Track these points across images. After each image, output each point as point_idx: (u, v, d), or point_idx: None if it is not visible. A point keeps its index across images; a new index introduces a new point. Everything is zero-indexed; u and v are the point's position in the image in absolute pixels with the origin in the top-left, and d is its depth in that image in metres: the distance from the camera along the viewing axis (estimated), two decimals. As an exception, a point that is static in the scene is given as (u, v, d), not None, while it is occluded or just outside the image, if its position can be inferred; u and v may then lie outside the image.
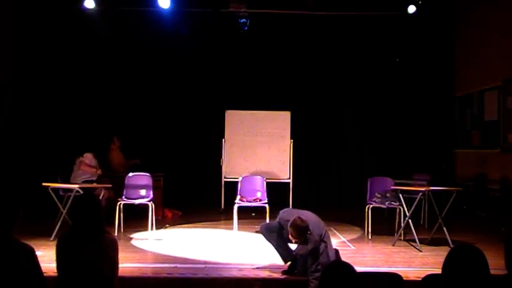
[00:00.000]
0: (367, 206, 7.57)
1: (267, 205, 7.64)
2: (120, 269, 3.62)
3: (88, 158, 8.29)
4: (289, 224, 5.01)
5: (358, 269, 2.62)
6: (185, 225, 8.68)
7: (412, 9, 9.78)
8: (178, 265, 5.58)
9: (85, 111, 10.48)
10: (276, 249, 5.46)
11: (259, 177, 8.43)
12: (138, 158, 9.35)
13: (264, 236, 5.52)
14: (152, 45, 10.74)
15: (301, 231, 4.96)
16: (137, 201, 7.66)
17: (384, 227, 7.83)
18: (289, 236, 5.04)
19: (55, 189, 7.27)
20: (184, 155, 11.11)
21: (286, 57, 11.17)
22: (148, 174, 7.98)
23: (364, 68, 11.27)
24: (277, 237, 5.36)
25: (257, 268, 5.46)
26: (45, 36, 10.23)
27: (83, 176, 8.12)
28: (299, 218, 5.02)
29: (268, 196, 7.97)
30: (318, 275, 4.72)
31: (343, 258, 5.28)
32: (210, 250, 6.51)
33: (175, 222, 8.97)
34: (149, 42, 10.70)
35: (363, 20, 10.62)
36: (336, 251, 5.41)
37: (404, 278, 3.65)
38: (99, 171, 8.38)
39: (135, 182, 7.90)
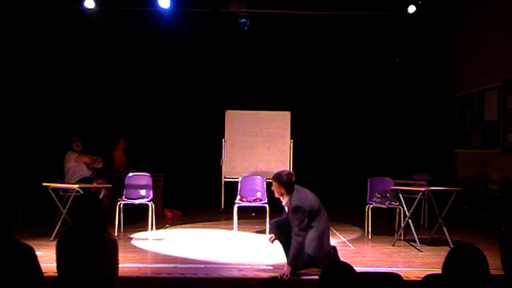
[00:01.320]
0: (367, 206, 7.57)
1: (267, 205, 7.64)
2: (120, 269, 3.62)
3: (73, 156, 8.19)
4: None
5: (358, 269, 2.62)
6: (185, 225, 8.68)
7: (412, 9, 9.79)
8: (178, 265, 5.58)
9: (85, 111, 10.49)
10: (284, 246, 5.32)
11: (259, 177, 8.43)
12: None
13: (274, 233, 5.36)
14: (152, 45, 10.74)
15: (281, 182, 5.18)
16: (137, 201, 7.66)
17: (384, 227, 7.83)
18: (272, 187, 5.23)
19: (54, 189, 7.27)
20: (185, 155, 11.10)
21: (286, 57, 11.17)
22: (148, 174, 7.98)
23: (364, 68, 11.26)
24: (288, 234, 5.15)
25: (257, 268, 5.46)
26: (45, 36, 10.25)
27: (78, 174, 8.07)
28: (288, 172, 5.33)
29: (268, 196, 7.96)
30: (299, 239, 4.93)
31: (343, 258, 5.28)
32: (210, 250, 6.50)
33: (175, 222, 8.96)
34: (149, 42, 10.70)
35: (363, 20, 10.63)
36: (334, 248, 5.39)
37: (404, 278, 3.64)
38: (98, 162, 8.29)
39: (135, 182, 7.90)
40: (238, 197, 8.04)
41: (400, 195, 7.04)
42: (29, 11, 10.01)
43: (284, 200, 5.28)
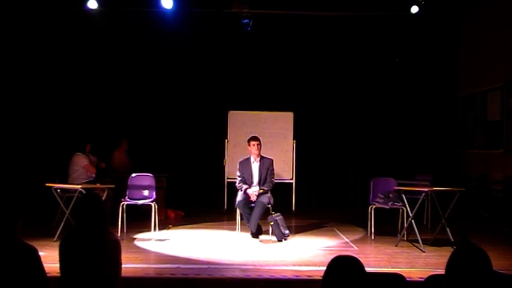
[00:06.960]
0: (370, 207, 7.57)
1: (269, 205, 7.63)
2: (123, 270, 3.63)
3: (87, 158, 8.33)
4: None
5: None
6: (188, 225, 8.68)
7: (414, 9, 9.77)
8: (181, 266, 5.59)
9: (86, 111, 10.51)
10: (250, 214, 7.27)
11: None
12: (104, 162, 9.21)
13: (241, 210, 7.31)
14: (155, 45, 10.76)
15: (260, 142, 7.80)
16: (140, 202, 7.66)
17: (387, 227, 7.83)
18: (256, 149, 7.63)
19: (55, 190, 7.26)
20: (187, 155, 11.11)
21: (289, 58, 11.17)
22: (151, 174, 7.98)
23: (367, 68, 11.25)
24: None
25: (260, 268, 5.46)
26: (48, 36, 10.26)
27: (84, 176, 8.11)
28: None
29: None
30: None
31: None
32: (213, 251, 6.51)
33: (178, 222, 8.97)
34: (151, 43, 10.72)
35: (366, 21, 10.61)
36: None
37: (407, 279, 3.64)
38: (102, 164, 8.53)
39: (138, 183, 7.90)
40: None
41: (403, 196, 7.03)
42: (31, 12, 10.02)
43: (257, 156, 7.68)
